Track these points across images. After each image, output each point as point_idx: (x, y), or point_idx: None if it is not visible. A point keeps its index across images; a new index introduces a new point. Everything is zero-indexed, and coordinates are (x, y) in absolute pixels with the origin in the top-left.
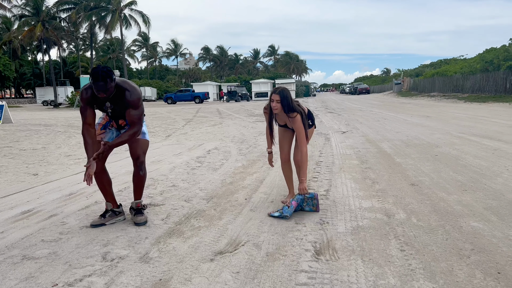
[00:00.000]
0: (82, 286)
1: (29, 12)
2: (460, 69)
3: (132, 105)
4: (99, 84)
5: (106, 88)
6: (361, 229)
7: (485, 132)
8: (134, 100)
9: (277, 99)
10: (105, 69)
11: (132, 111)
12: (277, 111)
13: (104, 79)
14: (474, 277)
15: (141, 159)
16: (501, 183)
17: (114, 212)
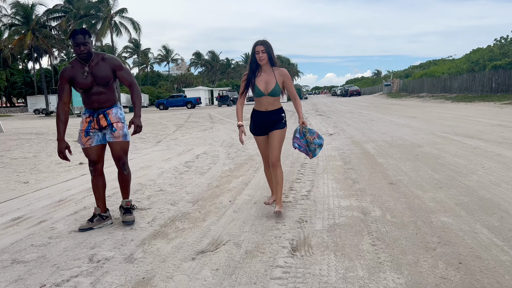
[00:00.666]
0: (69, 286)
1: (19, 21)
2: (448, 70)
3: (117, 67)
4: (79, 36)
5: (85, 41)
6: (337, 226)
7: (467, 132)
8: (116, 63)
9: (262, 50)
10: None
11: (121, 72)
12: (264, 62)
13: (83, 33)
14: (437, 267)
15: (123, 160)
16: (475, 180)
17: (101, 216)
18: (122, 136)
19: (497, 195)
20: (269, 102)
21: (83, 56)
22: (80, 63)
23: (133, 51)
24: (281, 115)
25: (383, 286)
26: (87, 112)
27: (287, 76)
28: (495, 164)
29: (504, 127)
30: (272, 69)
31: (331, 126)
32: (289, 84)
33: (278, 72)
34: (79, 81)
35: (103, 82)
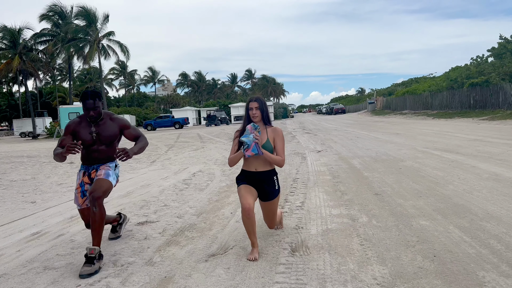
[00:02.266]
0: (101, 285)
1: (6, 45)
2: (429, 87)
3: (125, 127)
4: (89, 102)
5: (95, 106)
6: (329, 231)
7: (446, 146)
8: (125, 123)
9: (256, 106)
10: (94, 90)
11: (128, 131)
12: (257, 119)
13: (93, 97)
14: (415, 260)
15: (96, 194)
16: (451, 190)
17: (120, 224)
18: (104, 174)
19: (469, 202)
20: (260, 161)
21: (94, 120)
22: (87, 120)
23: (120, 72)
24: (273, 179)
25: (370, 275)
26: (82, 168)
27: (279, 134)
28: (469, 175)
29: (480, 141)
30: (265, 127)
31: (319, 144)
32: (278, 142)
33: (270, 129)
34: (84, 138)
35: (107, 141)
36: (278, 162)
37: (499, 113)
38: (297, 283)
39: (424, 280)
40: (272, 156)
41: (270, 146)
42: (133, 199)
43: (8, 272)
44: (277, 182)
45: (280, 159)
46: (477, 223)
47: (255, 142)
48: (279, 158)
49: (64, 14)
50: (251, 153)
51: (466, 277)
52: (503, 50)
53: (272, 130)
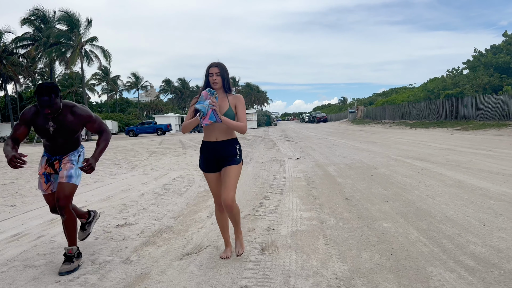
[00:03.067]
0: (80, 281)
1: None
2: (407, 98)
3: (87, 120)
4: (43, 99)
5: (50, 103)
6: (298, 232)
7: (418, 155)
8: (86, 116)
9: (216, 72)
10: (50, 84)
11: (91, 124)
12: (218, 85)
13: (49, 93)
14: (373, 257)
15: (61, 202)
16: (416, 195)
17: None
18: (66, 177)
19: (431, 206)
20: (221, 130)
21: (51, 116)
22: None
23: (102, 78)
24: (235, 147)
25: (331, 271)
26: (45, 155)
27: (241, 101)
28: (435, 182)
29: (451, 150)
30: (226, 94)
31: (298, 151)
32: (241, 108)
33: (232, 96)
34: (41, 131)
35: (68, 135)
36: (240, 128)
37: (472, 123)
38: (264, 278)
39: (379, 275)
40: (232, 122)
41: (233, 113)
42: (112, 203)
43: None
44: (239, 151)
45: (242, 125)
46: (435, 225)
47: (212, 109)
48: (241, 124)
49: (47, 18)
50: (209, 121)
51: (416, 271)
52: (477, 63)
53: (233, 97)
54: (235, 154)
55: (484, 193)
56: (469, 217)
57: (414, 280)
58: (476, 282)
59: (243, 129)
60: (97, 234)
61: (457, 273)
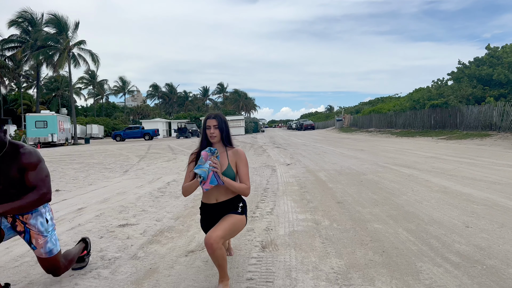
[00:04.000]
0: (93, 275)
1: None
2: (393, 107)
3: (29, 166)
4: None
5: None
6: (296, 232)
7: (405, 162)
8: (31, 162)
9: (214, 125)
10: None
11: (31, 173)
12: (216, 139)
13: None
14: (367, 254)
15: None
16: (404, 200)
17: None
18: (46, 253)
19: (418, 209)
20: (221, 191)
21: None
22: None
23: (89, 81)
24: (238, 206)
25: (329, 266)
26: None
27: (242, 157)
28: (422, 188)
29: (436, 158)
30: (226, 148)
31: (288, 157)
32: (242, 167)
33: (232, 152)
34: None
35: (6, 183)
36: (243, 191)
37: (456, 133)
38: (267, 272)
39: (373, 269)
40: (235, 184)
41: (232, 172)
42: (111, 204)
43: (2, 265)
44: (241, 209)
45: (245, 187)
46: (422, 226)
47: (214, 171)
48: (244, 186)
49: (34, 21)
50: (210, 185)
51: (407, 266)
52: (461, 74)
53: (233, 153)
54: (237, 209)
55: (468, 198)
56: (454, 219)
57: (405, 274)
58: (461, 276)
59: (245, 191)
60: (101, 233)
61: (444, 268)
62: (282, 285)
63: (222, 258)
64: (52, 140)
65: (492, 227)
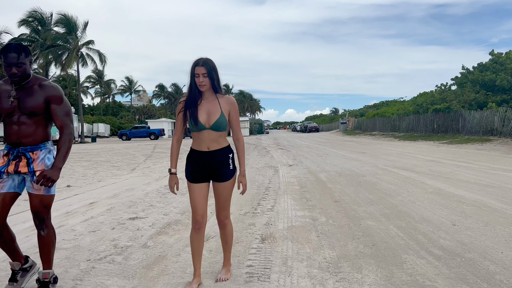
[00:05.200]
0: (108, 260)
1: None
2: (397, 111)
3: (54, 99)
4: (11, 55)
5: (18, 61)
6: (294, 227)
7: (404, 165)
8: (55, 93)
9: (203, 72)
10: (20, 43)
11: (55, 106)
12: (205, 88)
13: (18, 51)
14: (358, 247)
15: (41, 215)
16: (398, 200)
17: (24, 270)
18: (45, 189)
19: (411, 209)
20: (212, 139)
21: (17, 79)
22: (11, 83)
23: (96, 81)
24: (228, 157)
25: (322, 256)
26: (5, 149)
27: (234, 105)
28: (417, 189)
29: (435, 162)
30: (216, 96)
31: (291, 159)
32: (234, 116)
33: (224, 99)
34: (1, 103)
35: (27, 110)
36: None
37: (458, 137)
38: (266, 260)
39: (362, 260)
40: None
41: (225, 120)
42: (120, 200)
43: (24, 250)
44: (232, 162)
45: (242, 146)
46: (412, 224)
47: None
48: (242, 146)
49: (44, 20)
50: None
51: (393, 258)
52: (464, 79)
53: (226, 101)
54: (228, 166)
55: (459, 199)
56: (443, 218)
57: (390, 264)
58: (441, 266)
59: (243, 146)
60: (113, 225)
61: (426, 259)
62: (278, 271)
63: (231, 234)
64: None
65: (477, 226)
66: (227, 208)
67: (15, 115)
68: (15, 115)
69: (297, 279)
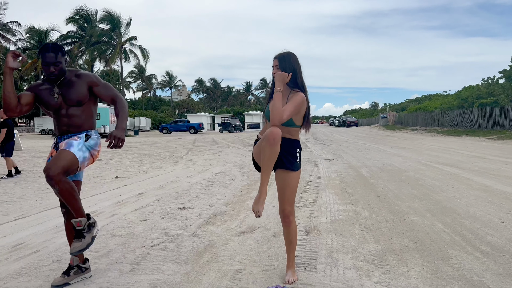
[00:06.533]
0: (161, 247)
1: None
2: (440, 105)
3: (93, 83)
4: (49, 55)
5: (56, 60)
6: (337, 220)
7: (448, 161)
8: (93, 79)
9: (276, 64)
10: (56, 43)
11: (98, 88)
12: None
13: (55, 50)
14: (403, 242)
15: (50, 172)
16: (443, 196)
17: (80, 268)
18: (65, 144)
19: (456, 205)
20: (283, 128)
21: (54, 78)
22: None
23: (138, 76)
24: (296, 150)
25: (367, 249)
26: (56, 141)
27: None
28: (462, 185)
29: (480, 158)
30: (290, 92)
31: (330, 153)
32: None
33: (291, 95)
34: (46, 101)
35: (74, 102)
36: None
37: (505, 133)
38: (311, 252)
39: (407, 254)
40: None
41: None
42: (167, 191)
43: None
44: (299, 156)
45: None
46: (458, 220)
47: None
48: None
49: (90, 17)
50: None
51: (439, 253)
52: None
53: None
54: (296, 158)
55: (507, 196)
56: (490, 215)
57: (436, 259)
58: (489, 262)
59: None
60: (162, 214)
61: (473, 255)
62: (324, 262)
63: (295, 232)
64: (105, 131)
65: None
66: (292, 201)
67: (63, 109)
68: (62, 108)
69: (343, 270)
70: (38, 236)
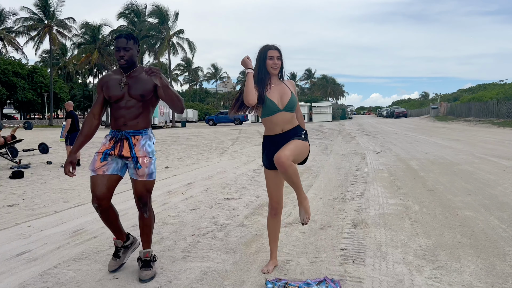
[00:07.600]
0: (210, 235)
1: (87, 40)
2: (496, 95)
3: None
4: (121, 40)
5: (126, 46)
6: (386, 214)
7: (505, 154)
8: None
9: (278, 55)
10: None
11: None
12: (277, 71)
13: (127, 37)
14: (455, 237)
15: (145, 199)
16: (499, 190)
17: (126, 247)
18: (147, 175)
19: None
20: (286, 120)
21: (123, 63)
22: (121, 72)
23: (185, 68)
24: (301, 133)
25: (417, 244)
26: (110, 133)
27: (295, 87)
28: None
29: None
30: (281, 80)
31: (378, 145)
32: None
33: (288, 82)
34: (111, 89)
35: (137, 93)
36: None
37: None
38: (359, 245)
39: (460, 250)
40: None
41: (296, 100)
42: (214, 181)
43: (128, 229)
44: (304, 135)
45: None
46: None
47: None
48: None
49: (139, 12)
50: None
51: (494, 250)
52: None
53: (290, 83)
54: (300, 136)
55: None
56: None
57: (492, 256)
58: None
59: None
60: (211, 204)
61: None
62: (373, 256)
63: (295, 174)
64: (153, 122)
65: None
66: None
67: (124, 100)
68: (123, 100)
69: (392, 264)
70: (95, 222)
